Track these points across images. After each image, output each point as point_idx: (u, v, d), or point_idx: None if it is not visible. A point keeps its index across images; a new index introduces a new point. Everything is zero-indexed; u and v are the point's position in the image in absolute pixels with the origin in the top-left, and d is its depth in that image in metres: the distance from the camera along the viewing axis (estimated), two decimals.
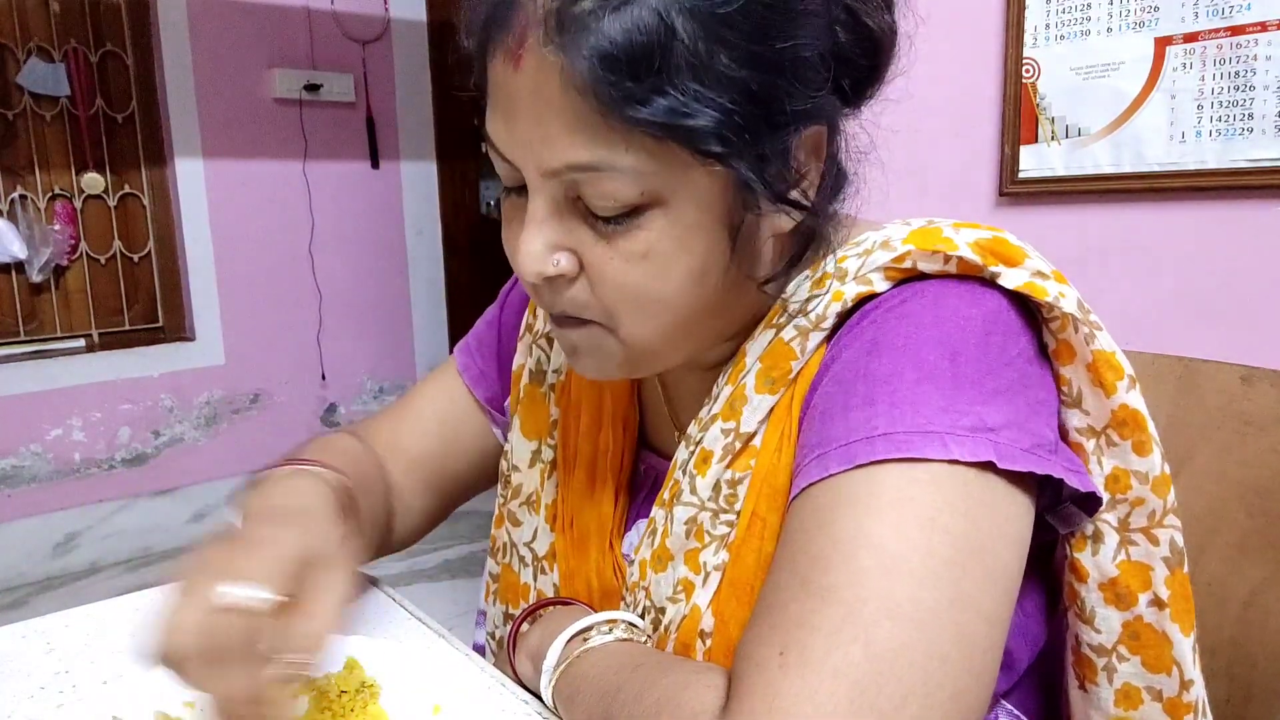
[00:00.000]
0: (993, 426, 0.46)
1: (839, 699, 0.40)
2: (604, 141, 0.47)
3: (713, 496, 0.56)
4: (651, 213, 0.49)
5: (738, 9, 0.45)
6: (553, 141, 0.48)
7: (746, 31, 0.46)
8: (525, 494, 0.73)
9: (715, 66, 0.45)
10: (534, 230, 0.51)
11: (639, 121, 0.45)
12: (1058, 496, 0.53)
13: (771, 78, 0.47)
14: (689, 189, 0.49)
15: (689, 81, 0.45)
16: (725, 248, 0.52)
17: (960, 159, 1.56)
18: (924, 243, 0.51)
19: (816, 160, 0.53)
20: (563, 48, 0.45)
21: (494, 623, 0.75)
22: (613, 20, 0.44)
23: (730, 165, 0.48)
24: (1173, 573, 0.52)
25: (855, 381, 0.49)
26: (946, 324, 0.49)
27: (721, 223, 0.51)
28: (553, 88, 0.47)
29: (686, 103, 0.45)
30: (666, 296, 0.51)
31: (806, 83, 0.49)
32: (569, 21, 0.45)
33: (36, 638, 0.70)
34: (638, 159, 0.47)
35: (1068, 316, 0.49)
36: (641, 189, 0.48)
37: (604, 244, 0.50)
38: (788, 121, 0.49)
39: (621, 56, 0.44)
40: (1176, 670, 0.53)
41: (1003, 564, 0.45)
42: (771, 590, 0.46)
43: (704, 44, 0.45)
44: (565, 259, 0.52)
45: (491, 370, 0.80)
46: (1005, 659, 0.56)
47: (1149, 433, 0.51)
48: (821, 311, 0.53)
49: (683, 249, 0.50)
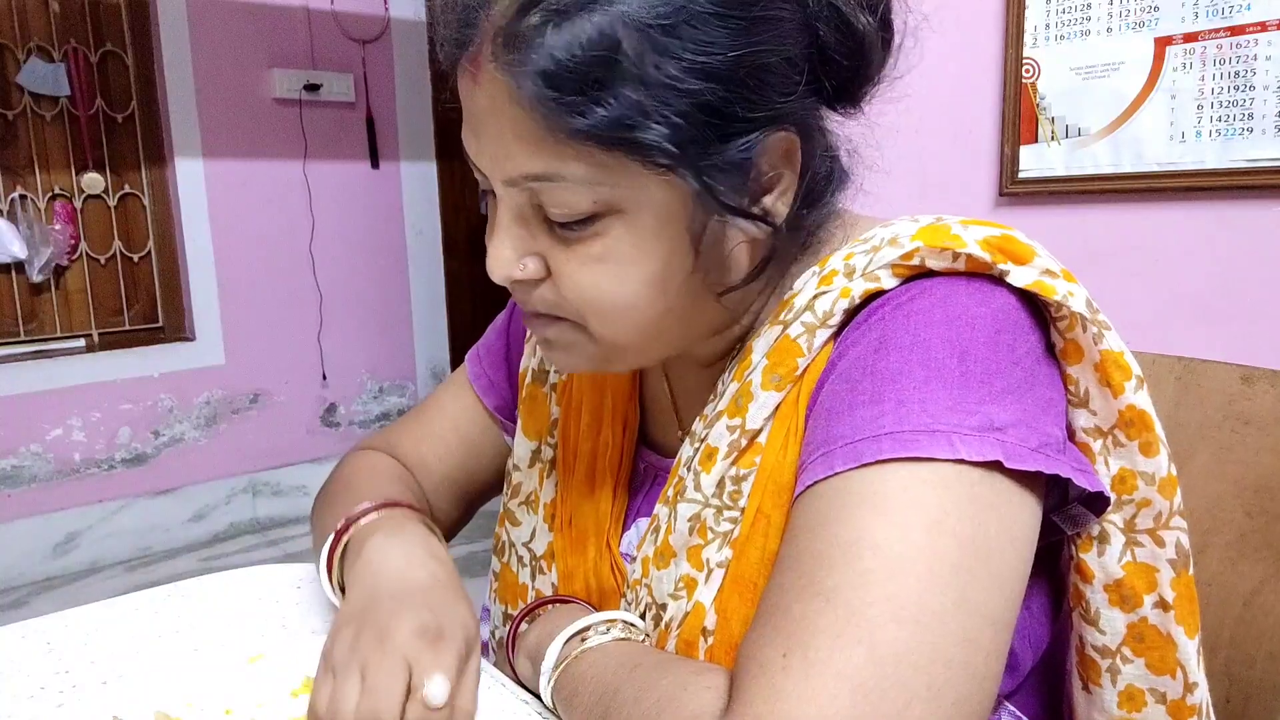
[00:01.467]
0: (1000, 426, 0.46)
1: (842, 702, 0.40)
2: (554, 154, 0.48)
3: (717, 493, 0.56)
4: (608, 220, 0.50)
5: (685, 20, 0.46)
6: (509, 153, 0.50)
7: (695, 43, 0.46)
8: (524, 493, 0.73)
9: (662, 78, 0.46)
10: (501, 236, 0.53)
11: (585, 134, 0.47)
12: (1065, 496, 0.53)
13: (724, 87, 0.47)
14: (645, 197, 0.50)
15: (635, 93, 0.46)
16: (687, 255, 0.52)
17: (960, 159, 1.56)
18: (933, 240, 0.50)
19: (789, 166, 0.53)
20: (509, 65, 0.47)
21: (494, 621, 0.75)
22: (556, 36, 0.46)
23: (681, 175, 0.48)
24: (1178, 574, 0.52)
25: (862, 379, 0.49)
26: (955, 322, 0.48)
27: (682, 230, 0.51)
28: (505, 103, 0.48)
29: (632, 115, 0.46)
30: (627, 301, 0.52)
31: (768, 89, 0.49)
32: (515, 39, 0.47)
33: (36, 638, 0.70)
34: (588, 170, 0.48)
35: (1076, 315, 0.49)
36: (594, 198, 0.49)
37: (565, 249, 0.52)
38: (746, 130, 0.49)
39: (564, 72, 0.46)
40: (1180, 673, 0.52)
41: (1009, 566, 0.45)
42: (775, 591, 0.46)
43: (650, 56, 0.46)
44: (532, 263, 0.53)
45: (501, 378, 0.80)
46: (1009, 660, 0.55)
47: (1156, 434, 0.51)
48: (829, 308, 0.53)
49: (642, 255, 0.51)
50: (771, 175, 0.52)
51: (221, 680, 0.62)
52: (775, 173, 0.53)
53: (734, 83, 0.47)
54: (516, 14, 0.47)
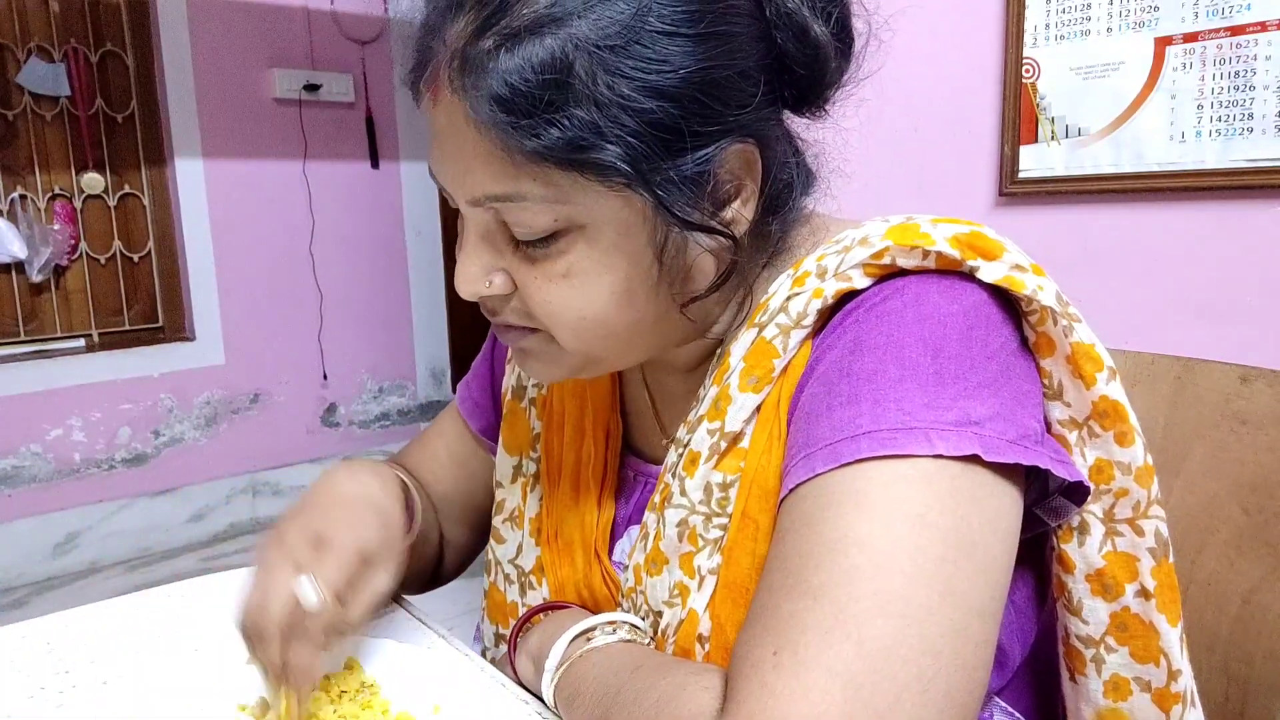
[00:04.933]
0: (977, 420, 0.46)
1: (833, 697, 0.40)
2: (511, 174, 0.49)
3: (704, 499, 0.56)
4: (570, 237, 0.51)
5: (636, 40, 0.47)
6: (469, 173, 0.51)
7: (646, 61, 0.47)
8: (509, 509, 0.73)
9: (615, 98, 0.47)
10: (467, 253, 0.55)
11: (540, 155, 0.48)
12: (1046, 489, 0.53)
13: (677, 104, 0.48)
14: (605, 214, 0.51)
15: (588, 114, 0.47)
16: (652, 267, 0.53)
17: (960, 159, 1.56)
18: (902, 238, 0.51)
19: (750, 176, 0.53)
20: (464, 88, 0.48)
21: (485, 641, 0.75)
22: (508, 59, 0.46)
23: (637, 191, 0.49)
24: (1159, 563, 0.52)
25: (838, 381, 0.49)
26: (928, 320, 0.49)
27: (645, 244, 0.52)
28: (462, 125, 0.49)
29: (586, 135, 0.47)
30: (594, 315, 0.53)
31: (723, 103, 0.50)
32: (469, 63, 0.48)
33: (36, 638, 0.70)
34: (546, 189, 0.49)
35: (1047, 309, 0.50)
36: (554, 216, 0.50)
37: (531, 266, 0.53)
38: (702, 144, 0.50)
39: (517, 96, 0.46)
40: (1164, 660, 0.53)
41: (993, 557, 0.46)
42: (764, 591, 0.46)
43: (602, 77, 0.47)
44: (499, 279, 0.55)
45: (486, 400, 0.81)
46: (998, 656, 0.56)
47: (1130, 424, 0.51)
48: (802, 309, 0.54)
49: (605, 270, 0.52)
50: (732, 186, 0.53)
51: (221, 680, 0.62)
52: (736, 183, 0.53)
53: (687, 99, 0.48)
54: (471, 37, 0.48)
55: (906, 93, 1.57)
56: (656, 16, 0.47)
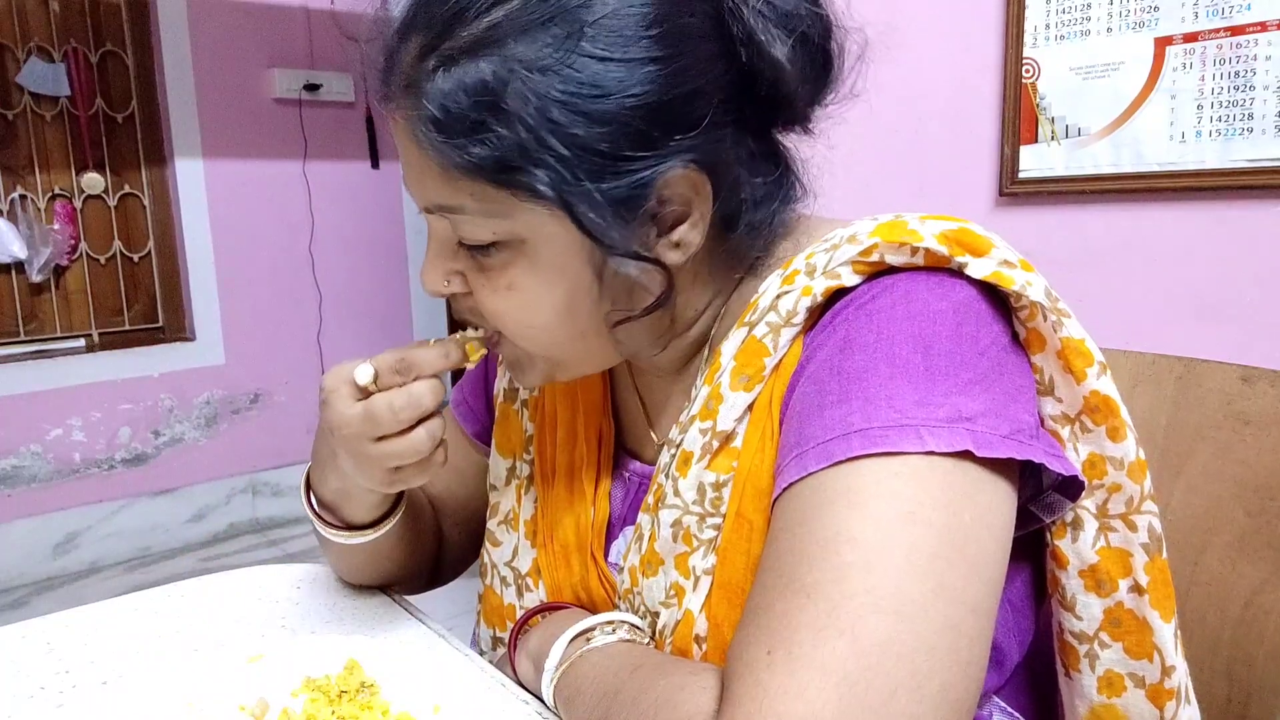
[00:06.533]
0: (969, 416, 0.46)
1: (828, 694, 0.40)
2: (451, 189, 0.52)
3: (697, 500, 0.56)
4: (512, 251, 0.54)
5: (569, 65, 0.48)
6: (420, 184, 0.54)
7: (578, 85, 0.48)
8: (503, 512, 0.73)
9: (543, 120, 0.48)
10: (430, 254, 0.58)
11: (472, 171, 0.50)
12: (1041, 484, 0.53)
13: (609, 129, 0.49)
14: (543, 232, 0.52)
15: (516, 134, 0.48)
16: (592, 285, 0.54)
17: (960, 159, 1.56)
18: (890, 235, 0.51)
19: (699, 198, 0.53)
20: (407, 107, 0.51)
21: (483, 645, 0.75)
22: (444, 80, 0.49)
23: (569, 212, 0.50)
24: (1152, 559, 0.52)
25: (829, 380, 0.49)
26: (917, 318, 0.49)
27: (584, 263, 0.53)
28: (409, 140, 0.52)
29: (513, 156, 0.48)
30: (538, 325, 0.56)
31: (663, 127, 0.50)
32: (412, 84, 0.51)
33: (36, 638, 0.70)
34: (483, 204, 0.52)
35: (1036, 305, 0.50)
36: (493, 230, 0.53)
37: (481, 273, 0.56)
38: (635, 169, 0.50)
39: (448, 117, 0.49)
40: (1158, 656, 0.53)
41: (986, 553, 0.45)
42: (758, 590, 0.46)
43: (534, 100, 0.48)
44: (458, 281, 0.57)
45: (479, 404, 0.81)
46: (995, 655, 0.56)
47: (1122, 418, 0.52)
48: (792, 307, 0.54)
49: (545, 285, 0.54)
50: (678, 210, 0.53)
51: (221, 680, 0.62)
52: (682, 208, 0.53)
53: (621, 124, 0.49)
54: (416, 59, 0.51)
55: (906, 93, 1.57)
56: (591, 41, 0.48)
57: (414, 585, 0.81)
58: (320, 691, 0.60)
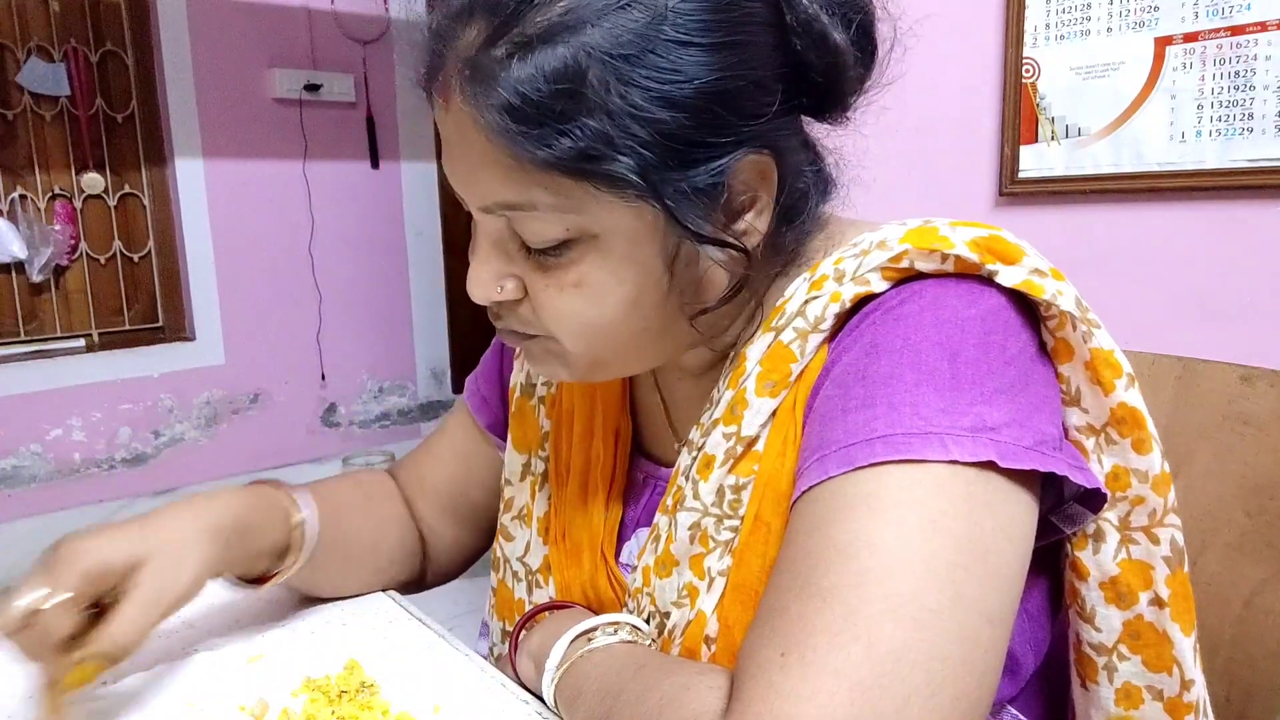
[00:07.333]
0: (994, 426, 0.46)
1: (840, 700, 0.40)
2: (522, 183, 0.49)
3: (716, 501, 0.56)
4: (582, 246, 0.51)
5: (650, 50, 0.46)
6: (480, 181, 0.51)
7: (659, 71, 0.46)
8: (517, 507, 0.73)
9: (627, 108, 0.46)
10: (480, 259, 0.54)
11: (551, 165, 0.47)
12: (1062, 496, 0.53)
13: (690, 115, 0.48)
14: (616, 224, 0.50)
15: (599, 124, 0.46)
16: (663, 277, 0.53)
17: (960, 159, 1.56)
18: (921, 242, 0.50)
19: (764, 186, 0.53)
20: (474, 97, 0.48)
21: (493, 638, 0.75)
22: (520, 68, 0.46)
23: (649, 202, 0.49)
24: (1173, 572, 0.52)
25: (854, 384, 0.49)
26: (945, 324, 0.48)
27: (655, 255, 0.52)
28: (472, 133, 0.49)
29: (597, 145, 0.47)
30: (603, 323, 0.53)
31: (737, 114, 0.49)
32: (480, 71, 0.47)
33: None
34: (557, 199, 0.49)
35: (1066, 314, 0.49)
36: (566, 226, 0.50)
37: (541, 273, 0.53)
38: (714, 155, 0.49)
39: (527, 105, 0.46)
40: (1177, 670, 0.53)
41: (1005, 564, 0.45)
42: (773, 592, 0.46)
43: (615, 86, 0.46)
44: (511, 285, 0.54)
45: (494, 395, 0.80)
46: (1010, 664, 0.55)
47: (1148, 431, 0.51)
48: (820, 313, 0.53)
49: (616, 280, 0.52)
50: (746, 197, 0.53)
51: (221, 680, 0.62)
52: (750, 194, 0.53)
53: (701, 110, 0.48)
54: (483, 45, 0.48)
55: (907, 93, 1.57)
56: (671, 26, 0.47)
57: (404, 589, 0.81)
58: (320, 691, 0.60)
